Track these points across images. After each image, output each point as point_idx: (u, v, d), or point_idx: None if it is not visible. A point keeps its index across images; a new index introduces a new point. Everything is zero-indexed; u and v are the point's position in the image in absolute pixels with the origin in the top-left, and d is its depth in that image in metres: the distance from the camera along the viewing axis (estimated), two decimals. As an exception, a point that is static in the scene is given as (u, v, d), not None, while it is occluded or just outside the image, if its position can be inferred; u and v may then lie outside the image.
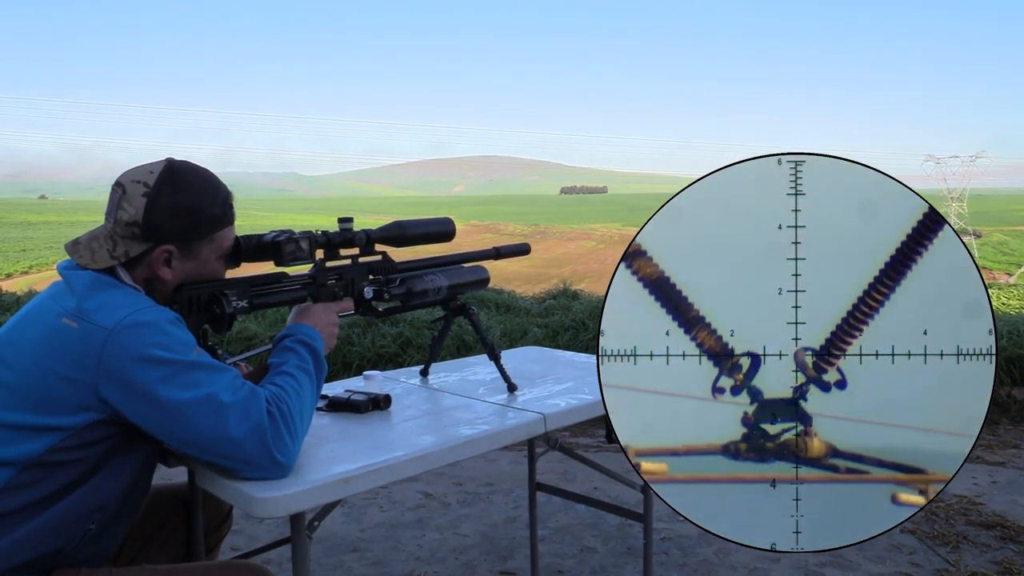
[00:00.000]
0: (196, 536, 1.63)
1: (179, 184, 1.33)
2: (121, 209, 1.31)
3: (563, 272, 27.71)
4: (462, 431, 1.56)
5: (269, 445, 1.25)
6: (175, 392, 1.21)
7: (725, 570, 2.61)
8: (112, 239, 1.32)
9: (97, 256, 1.31)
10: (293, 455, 1.29)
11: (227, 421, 1.22)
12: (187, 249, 1.36)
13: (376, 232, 1.65)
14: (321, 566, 2.65)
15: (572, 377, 2.02)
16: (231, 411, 1.23)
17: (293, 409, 1.31)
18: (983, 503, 3.21)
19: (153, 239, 1.32)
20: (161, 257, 1.34)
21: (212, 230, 1.38)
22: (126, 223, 1.31)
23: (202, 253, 1.38)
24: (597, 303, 6.54)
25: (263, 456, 1.25)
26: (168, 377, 1.21)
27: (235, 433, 1.23)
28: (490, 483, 3.53)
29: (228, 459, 1.25)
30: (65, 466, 1.23)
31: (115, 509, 1.32)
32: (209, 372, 1.25)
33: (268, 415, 1.26)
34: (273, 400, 1.30)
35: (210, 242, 1.38)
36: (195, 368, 1.24)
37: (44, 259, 44.11)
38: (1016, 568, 2.57)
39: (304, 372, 1.40)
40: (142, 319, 1.22)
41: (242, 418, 1.23)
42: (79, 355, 1.20)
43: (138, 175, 1.33)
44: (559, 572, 2.61)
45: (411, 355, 5.37)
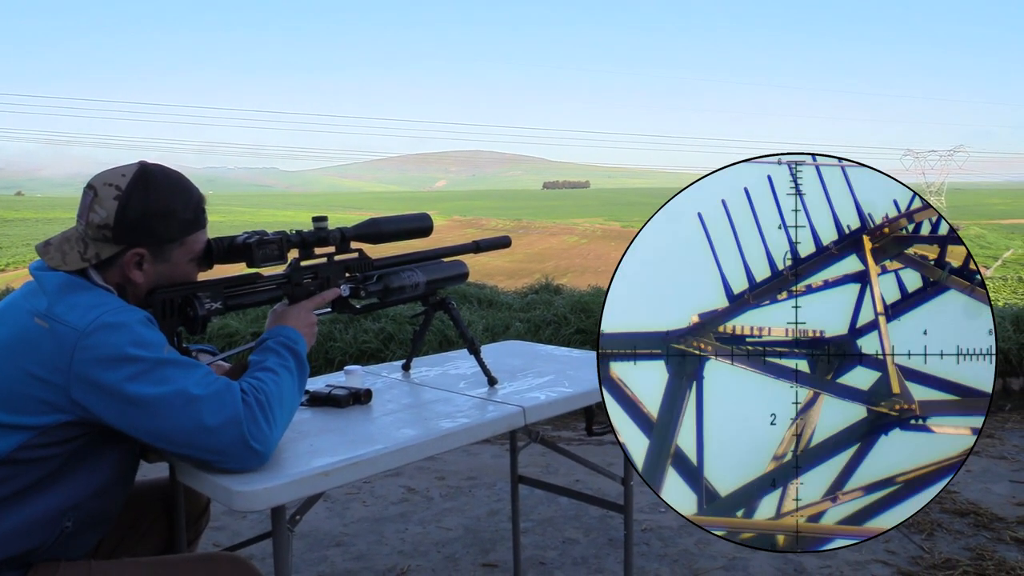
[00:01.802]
0: (178, 530, 1.63)
1: (151, 188, 1.33)
2: (93, 212, 1.31)
3: (545, 267, 27.76)
4: (442, 424, 1.58)
5: (244, 433, 1.25)
6: (146, 388, 1.21)
7: (705, 560, 2.64)
8: (83, 241, 1.32)
9: (68, 258, 1.31)
10: (271, 443, 1.30)
11: (200, 412, 1.23)
12: (159, 252, 1.36)
13: (351, 230, 1.66)
14: (304, 560, 2.66)
15: (552, 371, 2.04)
16: (203, 403, 1.23)
17: (271, 398, 1.32)
18: (957, 491, 3.26)
19: (124, 242, 1.32)
20: (132, 260, 1.34)
21: (184, 234, 1.37)
22: (97, 226, 1.31)
23: (174, 256, 1.38)
24: (579, 298, 6.56)
25: (238, 444, 1.25)
26: (139, 374, 1.21)
27: (209, 422, 1.23)
28: (473, 477, 3.55)
29: (203, 451, 1.25)
30: (35, 464, 1.24)
31: (92, 507, 1.32)
32: (180, 368, 1.25)
33: (244, 404, 1.27)
34: (250, 391, 1.30)
35: (182, 246, 1.38)
36: (165, 365, 1.24)
37: (21, 256, 43.55)
38: (989, 554, 2.62)
39: (284, 368, 1.40)
40: (113, 320, 1.22)
41: (216, 408, 1.24)
42: (50, 356, 1.20)
43: (110, 178, 1.33)
44: (541, 564, 2.64)
45: (393, 351, 5.37)
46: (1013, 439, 4.25)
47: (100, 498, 1.33)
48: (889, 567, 2.55)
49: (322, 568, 2.61)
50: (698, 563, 2.62)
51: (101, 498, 1.34)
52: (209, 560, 1.40)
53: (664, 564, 2.62)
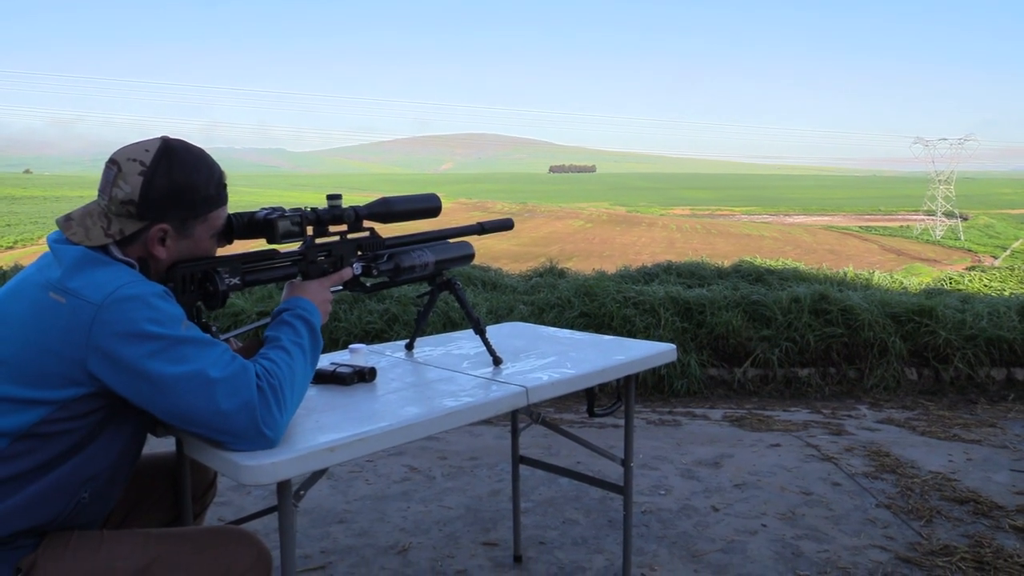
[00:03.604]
0: (184, 503, 1.65)
1: (175, 163, 1.33)
2: (116, 187, 1.31)
3: (550, 251, 27.72)
4: (446, 403, 1.59)
5: (257, 419, 1.26)
6: (164, 367, 1.22)
7: (703, 542, 2.67)
8: (106, 217, 1.32)
9: (92, 233, 1.31)
10: (281, 428, 1.31)
11: (216, 395, 1.24)
12: (182, 228, 1.36)
13: (363, 209, 1.66)
14: (308, 536, 2.69)
15: (555, 352, 2.05)
16: (220, 386, 1.24)
17: (284, 383, 1.32)
18: (957, 479, 3.28)
19: (149, 218, 1.32)
20: (156, 236, 1.34)
21: (208, 210, 1.38)
22: (121, 201, 1.31)
23: (197, 232, 1.38)
24: (584, 281, 6.57)
25: (251, 430, 1.26)
26: (157, 352, 1.22)
27: (224, 407, 1.24)
28: (475, 457, 3.58)
29: (217, 432, 1.26)
30: (56, 437, 1.25)
31: (107, 478, 1.34)
32: (198, 346, 1.26)
33: (258, 389, 1.27)
34: (263, 375, 1.30)
35: (204, 221, 1.39)
36: (184, 343, 1.24)
37: (29, 234, 43.70)
38: (987, 542, 2.64)
39: (298, 346, 1.41)
40: (129, 293, 1.23)
41: (231, 392, 1.25)
42: (67, 330, 1.21)
43: (134, 153, 1.33)
44: (541, 543, 2.66)
45: (397, 331, 5.40)
46: (1015, 428, 4.26)
47: (115, 468, 1.35)
48: (887, 552, 2.57)
49: (324, 544, 2.64)
50: (696, 545, 2.64)
51: (116, 468, 1.36)
52: (218, 533, 1.42)
53: (663, 546, 2.64)
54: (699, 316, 5.70)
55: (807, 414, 4.70)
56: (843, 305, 5.72)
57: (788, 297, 5.87)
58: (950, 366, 5.46)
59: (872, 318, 5.59)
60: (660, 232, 47.98)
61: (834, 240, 46.85)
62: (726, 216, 71.03)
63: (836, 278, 8.73)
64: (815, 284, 6.90)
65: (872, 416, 4.66)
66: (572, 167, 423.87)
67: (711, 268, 8.83)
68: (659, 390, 5.30)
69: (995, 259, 38.02)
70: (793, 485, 3.23)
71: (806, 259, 16.20)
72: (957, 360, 5.45)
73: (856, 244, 44.28)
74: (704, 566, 2.49)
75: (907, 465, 3.48)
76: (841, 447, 3.79)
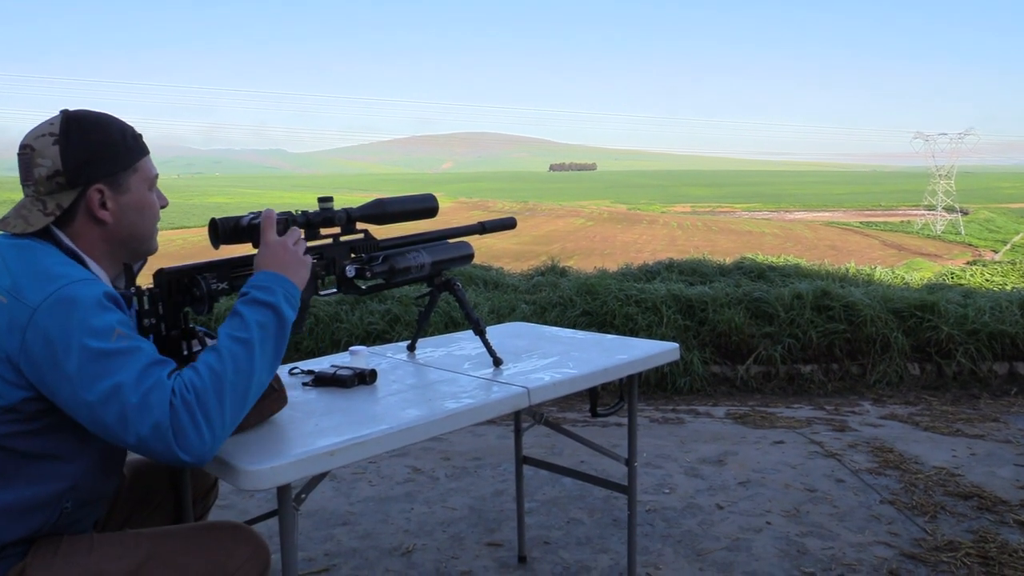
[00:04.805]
0: (185, 506, 1.65)
1: (84, 125, 1.32)
2: (37, 167, 1.29)
3: (552, 249, 27.72)
4: (447, 404, 1.58)
5: (171, 443, 1.17)
6: (86, 384, 1.16)
7: (708, 540, 2.66)
8: (39, 200, 1.29)
9: (31, 219, 1.28)
10: (205, 447, 1.19)
11: (127, 418, 1.16)
12: (116, 184, 1.33)
13: (357, 211, 1.64)
14: (311, 539, 2.68)
15: (557, 352, 2.04)
16: (131, 410, 1.16)
17: (208, 395, 1.20)
18: (961, 474, 3.27)
19: (80, 182, 1.30)
20: (95, 199, 1.31)
21: (134, 159, 1.36)
22: (47, 177, 1.29)
23: (132, 184, 1.36)
24: (585, 280, 6.57)
25: (167, 454, 1.18)
26: (83, 364, 1.16)
27: (138, 430, 1.16)
28: (478, 457, 3.57)
29: (141, 453, 1.21)
30: (17, 438, 1.23)
31: (89, 486, 1.32)
32: (123, 358, 1.18)
33: (170, 408, 1.17)
34: (180, 390, 1.19)
35: (136, 172, 1.36)
36: (110, 356, 1.18)
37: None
38: (991, 537, 2.63)
39: (239, 342, 1.27)
40: (68, 295, 1.19)
41: (142, 416, 1.16)
42: (7, 331, 1.19)
43: (41, 130, 1.31)
44: (545, 543, 2.66)
45: (399, 332, 5.39)
46: (1019, 423, 4.25)
47: (96, 476, 1.33)
48: (892, 548, 2.56)
49: (328, 546, 2.64)
50: (701, 544, 2.64)
51: (97, 476, 1.34)
52: (211, 528, 1.40)
53: (667, 544, 2.63)
54: (701, 313, 5.70)
55: (810, 411, 4.69)
56: (845, 301, 5.72)
57: (790, 294, 5.87)
58: (953, 361, 5.45)
59: (874, 314, 5.59)
60: (661, 229, 47.97)
61: (835, 236, 46.81)
62: (727, 213, 71.00)
63: (838, 274, 8.73)
64: (817, 280, 6.89)
65: (875, 412, 4.65)
66: (573, 165, 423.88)
67: (713, 265, 8.83)
68: (662, 388, 5.29)
69: (995, 253, 37.99)
70: (797, 482, 3.22)
71: (807, 255, 16.19)
72: (959, 355, 5.44)
73: (857, 240, 44.24)
74: (709, 564, 2.49)
75: (911, 461, 3.47)
76: (845, 443, 3.78)
